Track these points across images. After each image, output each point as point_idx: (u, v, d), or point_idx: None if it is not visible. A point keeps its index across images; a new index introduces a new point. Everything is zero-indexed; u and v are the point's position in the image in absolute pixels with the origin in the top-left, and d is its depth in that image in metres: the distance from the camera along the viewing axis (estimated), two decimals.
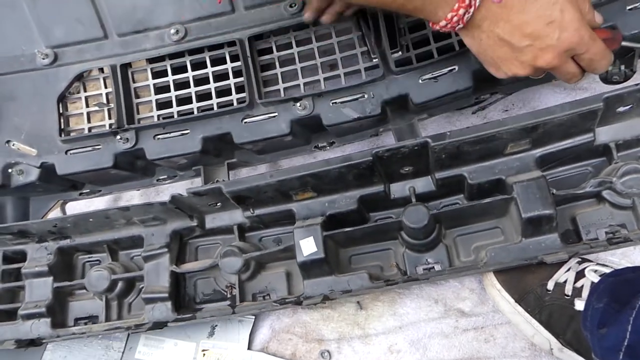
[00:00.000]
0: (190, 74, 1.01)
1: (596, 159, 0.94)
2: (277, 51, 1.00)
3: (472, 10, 0.66)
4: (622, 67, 0.85)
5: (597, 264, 0.89)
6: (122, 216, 0.99)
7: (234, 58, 1.01)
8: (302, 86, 0.98)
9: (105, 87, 1.04)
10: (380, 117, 0.95)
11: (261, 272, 1.03)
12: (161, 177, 1.10)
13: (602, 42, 0.71)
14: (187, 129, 0.98)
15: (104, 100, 1.03)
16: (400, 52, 0.96)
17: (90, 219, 0.98)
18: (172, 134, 0.98)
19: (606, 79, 0.87)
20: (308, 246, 0.93)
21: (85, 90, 1.03)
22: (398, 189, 0.99)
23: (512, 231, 0.93)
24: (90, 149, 1.00)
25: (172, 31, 1.01)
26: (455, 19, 0.67)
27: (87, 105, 1.03)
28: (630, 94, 0.82)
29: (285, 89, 0.99)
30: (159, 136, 0.99)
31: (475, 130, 0.87)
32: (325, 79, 0.98)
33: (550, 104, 1.09)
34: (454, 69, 0.90)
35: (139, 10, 1.01)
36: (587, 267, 0.87)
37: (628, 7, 0.82)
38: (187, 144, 0.97)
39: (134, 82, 1.03)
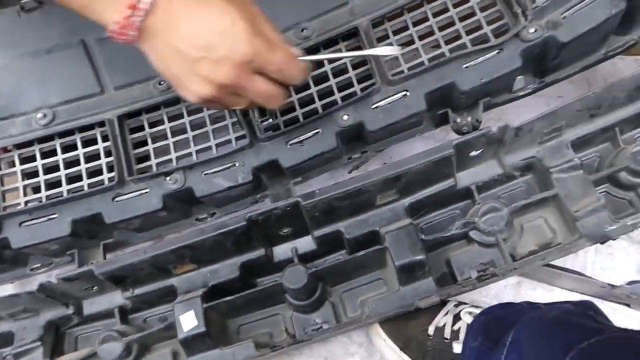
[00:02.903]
0: (60, 157, 0.99)
1: (462, 202, 0.99)
2: (149, 128, 1.01)
3: (140, 13, 0.61)
4: (469, 119, 0.92)
5: (472, 305, 0.91)
6: None
7: (106, 138, 1.00)
8: (174, 160, 0.98)
9: None
10: (255, 185, 0.96)
11: (146, 355, 0.98)
12: (35, 266, 1.04)
13: (286, 50, 0.69)
14: (54, 213, 0.94)
15: None
16: (270, 120, 0.99)
17: None
18: (39, 220, 0.94)
19: (457, 130, 0.94)
20: (189, 321, 0.90)
21: None
22: (281, 252, 1.00)
23: (393, 281, 0.94)
24: None
25: (39, 115, 1.00)
26: (123, 22, 0.62)
27: None
28: (476, 139, 0.89)
29: (158, 164, 0.99)
30: (25, 223, 0.94)
31: (342, 186, 0.90)
32: (197, 151, 0.99)
33: None
34: (318, 131, 0.93)
35: (2, 97, 1.00)
36: (463, 310, 0.89)
37: (464, 65, 0.89)
38: (55, 229, 0.93)
39: (0, 169, 1.00)
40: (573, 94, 0.89)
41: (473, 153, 0.93)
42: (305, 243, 0.99)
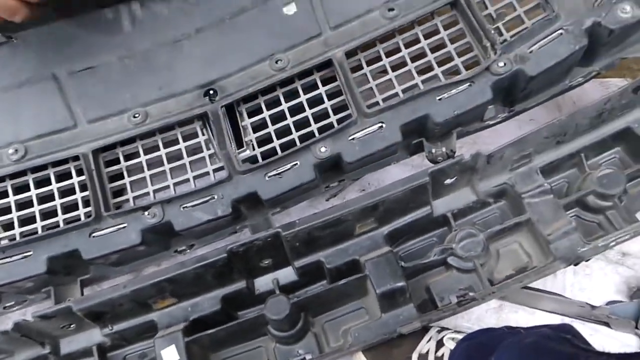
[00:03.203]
0: (33, 192, 0.98)
1: (439, 229, 1.01)
2: (125, 161, 1.00)
3: None
4: (444, 149, 0.95)
5: (454, 331, 0.93)
6: None
7: (80, 172, 0.99)
8: (152, 193, 0.98)
9: None
10: (234, 216, 0.96)
11: None
12: (8, 304, 1.01)
13: None
14: (29, 251, 0.92)
15: None
16: (247, 151, 0.99)
17: None
18: (13, 258, 0.92)
19: (432, 160, 0.97)
20: (170, 356, 0.89)
21: None
22: (262, 284, 1.00)
23: (375, 309, 0.95)
24: None
25: (11, 151, 0.98)
26: None
27: None
28: (450, 167, 0.91)
29: (135, 197, 0.98)
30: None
31: (321, 216, 0.91)
32: (175, 184, 0.98)
33: None
34: (296, 164, 0.94)
35: None
36: (446, 335, 0.91)
37: (437, 98, 0.92)
38: (30, 267, 0.92)
39: None
40: (545, 117, 0.93)
41: (448, 181, 0.95)
42: (286, 274, 0.99)
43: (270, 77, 1.00)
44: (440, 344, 0.91)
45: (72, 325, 0.94)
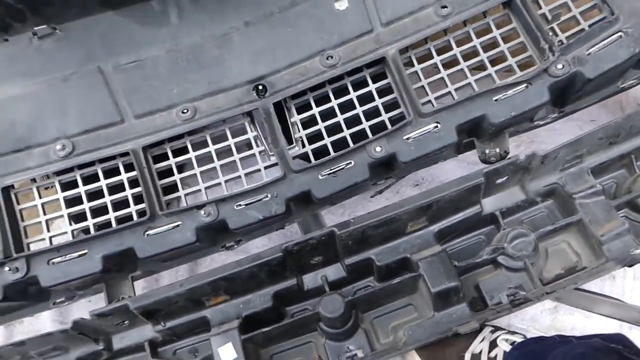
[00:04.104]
0: (82, 189, 0.97)
1: (486, 227, 1.02)
2: (174, 157, 0.99)
3: None
4: (497, 150, 0.95)
5: (508, 332, 0.94)
6: (16, 352, 0.90)
7: (128, 167, 0.98)
8: (203, 191, 0.97)
9: None
10: (286, 214, 0.96)
11: None
12: (58, 300, 1.01)
13: None
14: (84, 249, 0.92)
15: None
16: (296, 148, 0.99)
17: None
18: (68, 257, 0.92)
19: (485, 160, 0.97)
20: (227, 353, 0.90)
21: None
22: (310, 280, 1.00)
23: (424, 307, 0.97)
24: None
25: (58, 147, 0.97)
26: None
27: None
28: (505, 168, 0.92)
29: (186, 194, 0.97)
30: (53, 260, 0.92)
31: (376, 215, 0.91)
32: (226, 181, 0.98)
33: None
34: (350, 163, 0.94)
35: (18, 127, 0.97)
36: (499, 336, 0.92)
37: (494, 98, 0.92)
38: (86, 266, 0.91)
39: (18, 204, 0.96)
40: (606, 119, 0.93)
41: (499, 180, 0.96)
42: (334, 271, 1.00)
43: (320, 73, 0.99)
44: (493, 344, 0.93)
45: (125, 322, 0.94)
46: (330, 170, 0.94)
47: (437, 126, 0.93)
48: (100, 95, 0.99)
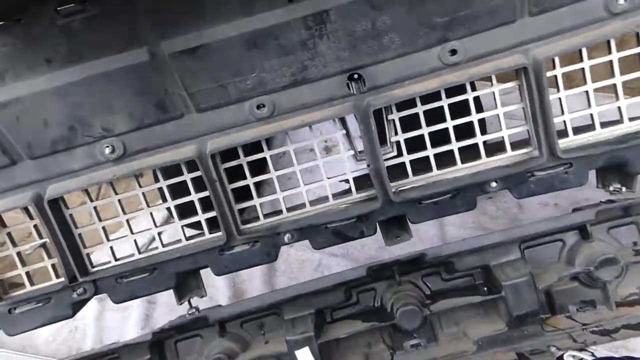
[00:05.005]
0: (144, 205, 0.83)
1: (569, 232, 0.96)
2: (248, 163, 0.83)
3: None
4: (620, 186, 0.85)
5: (576, 349, 0.97)
6: None
7: (193, 167, 0.83)
8: (282, 200, 0.85)
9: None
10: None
11: None
12: None
13: None
14: (156, 268, 0.84)
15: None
16: (390, 151, 0.84)
17: None
18: (137, 276, 0.85)
19: (604, 185, 0.87)
20: (304, 357, 0.93)
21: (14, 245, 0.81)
22: None
23: (492, 311, 0.97)
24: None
25: (108, 150, 0.79)
26: None
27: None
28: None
29: (264, 211, 0.86)
30: (123, 279, 0.84)
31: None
32: (308, 193, 0.85)
33: None
34: (458, 194, 0.83)
35: (56, 127, 0.77)
36: (566, 353, 0.96)
37: None
38: (157, 284, 0.85)
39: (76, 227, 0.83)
40: None
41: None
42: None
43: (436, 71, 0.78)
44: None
45: None
46: (432, 200, 0.83)
47: (569, 167, 0.80)
48: (152, 84, 0.76)
